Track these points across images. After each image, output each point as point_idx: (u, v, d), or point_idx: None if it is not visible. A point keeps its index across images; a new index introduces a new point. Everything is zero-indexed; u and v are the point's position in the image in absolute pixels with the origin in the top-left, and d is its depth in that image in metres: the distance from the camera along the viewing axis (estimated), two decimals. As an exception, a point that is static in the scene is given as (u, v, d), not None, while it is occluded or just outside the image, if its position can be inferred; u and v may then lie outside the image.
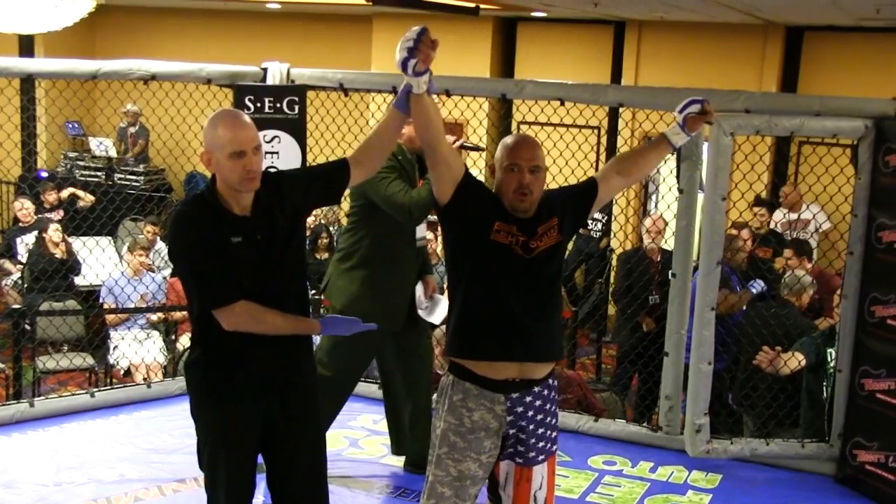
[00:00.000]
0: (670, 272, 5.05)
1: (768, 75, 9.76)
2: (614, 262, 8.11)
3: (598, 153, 10.58)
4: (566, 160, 6.48)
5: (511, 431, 3.13)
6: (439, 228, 4.08)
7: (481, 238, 3.08)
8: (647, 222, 7.06)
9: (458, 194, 3.11)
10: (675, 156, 4.75)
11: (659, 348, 5.24)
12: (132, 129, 11.34)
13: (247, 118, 3.05)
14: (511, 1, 8.36)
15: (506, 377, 3.09)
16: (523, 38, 11.03)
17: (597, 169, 10.59)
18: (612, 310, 8.56)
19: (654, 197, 10.79)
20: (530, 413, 3.13)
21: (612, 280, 8.02)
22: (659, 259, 6.85)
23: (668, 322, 5.03)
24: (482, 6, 8.69)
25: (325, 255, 8.63)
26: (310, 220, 7.32)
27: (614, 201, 10.07)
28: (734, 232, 7.05)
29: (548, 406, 3.19)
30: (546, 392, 3.19)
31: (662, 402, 5.11)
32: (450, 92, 5.44)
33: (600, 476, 4.75)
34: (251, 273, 2.98)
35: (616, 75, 10.47)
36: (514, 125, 10.00)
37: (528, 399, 3.13)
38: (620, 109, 8.31)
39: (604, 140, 10.46)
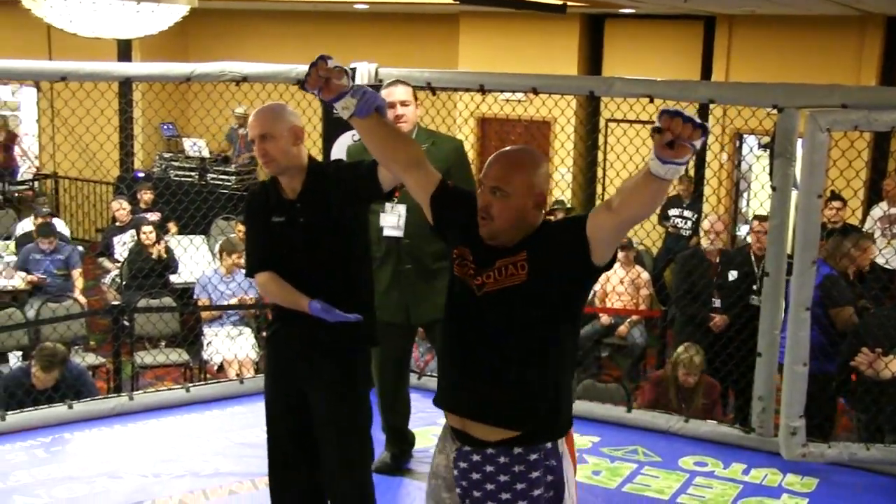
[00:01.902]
0: (756, 270, 4.94)
1: (867, 69, 9.49)
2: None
3: (687, 151, 10.42)
4: (655, 158, 6.41)
5: (458, 491, 2.66)
6: None
7: (450, 265, 2.73)
8: (706, 223, 6.91)
9: (435, 213, 2.78)
10: (767, 153, 4.66)
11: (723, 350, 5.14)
12: (241, 131, 11.54)
13: (269, 110, 3.24)
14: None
15: (454, 426, 2.69)
16: (611, 35, 10.94)
17: (685, 169, 10.44)
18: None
19: (745, 195, 10.59)
20: (476, 477, 2.60)
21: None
22: (718, 260, 6.72)
23: (761, 322, 4.93)
24: (569, 3, 8.65)
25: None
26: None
27: (704, 199, 9.93)
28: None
29: (505, 480, 2.56)
30: (505, 462, 2.57)
31: (755, 403, 5.01)
32: (537, 90, 5.41)
33: (691, 477, 4.69)
34: (292, 252, 3.24)
35: (706, 71, 10.31)
36: (601, 123, 9.92)
37: (476, 458, 2.60)
38: (710, 106, 8.18)
39: (693, 137, 10.29)
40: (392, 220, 4.32)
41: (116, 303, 7.71)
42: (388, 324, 4.34)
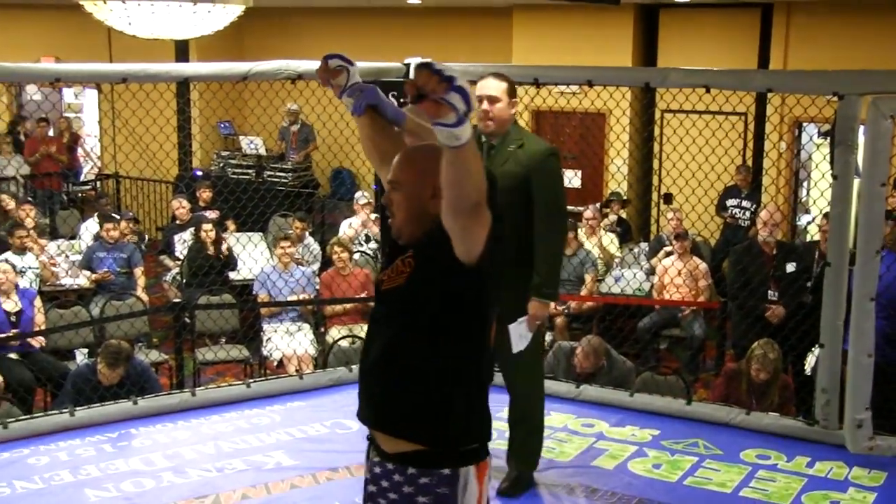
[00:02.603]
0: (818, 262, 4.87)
1: (933, 54, 9.28)
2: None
3: (745, 140, 10.30)
4: (713, 148, 6.34)
5: (364, 493, 2.57)
6: None
7: None
8: (763, 214, 6.80)
9: None
10: (827, 141, 4.58)
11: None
12: (294, 128, 11.63)
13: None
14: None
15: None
16: (665, 25, 10.84)
17: (743, 157, 10.31)
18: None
19: (805, 184, 10.43)
20: (374, 489, 2.50)
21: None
22: (774, 252, 6.62)
23: (823, 312, 4.85)
24: (623, -6, 8.58)
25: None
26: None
27: (763, 189, 9.79)
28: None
29: (394, 499, 2.44)
30: (399, 481, 2.44)
31: (819, 395, 4.94)
32: (592, 82, 5.38)
33: (754, 470, 4.63)
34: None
35: (763, 60, 10.16)
36: (657, 114, 9.83)
37: (378, 470, 2.49)
38: (769, 95, 8.07)
39: (751, 127, 10.17)
40: None
41: (177, 300, 7.82)
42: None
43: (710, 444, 4.91)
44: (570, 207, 4.72)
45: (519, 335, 4.12)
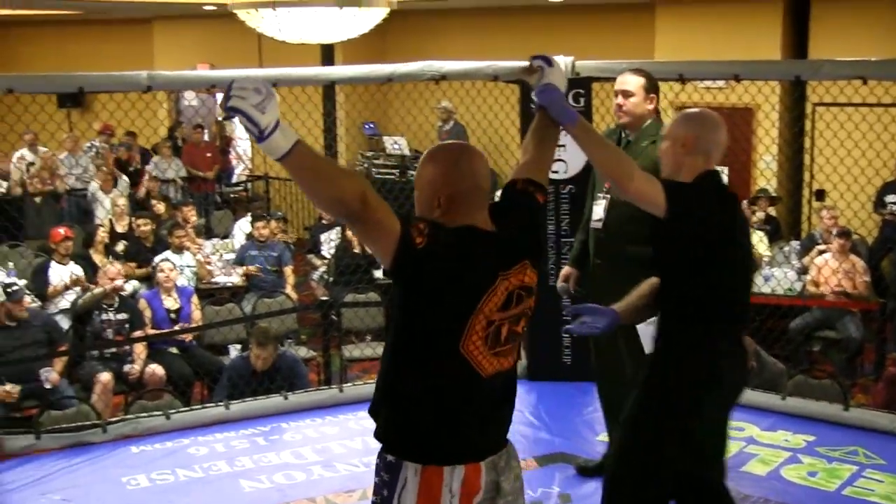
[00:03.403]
0: None
1: None
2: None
3: (905, 133, 9.83)
4: (870, 142, 6.09)
5: None
6: None
7: None
8: None
9: None
10: None
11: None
12: (446, 127, 11.72)
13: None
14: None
15: None
16: (818, 16, 10.43)
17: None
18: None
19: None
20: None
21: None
22: None
23: None
24: (773, -16, 8.32)
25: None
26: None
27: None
28: None
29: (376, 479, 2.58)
30: (377, 463, 2.59)
31: None
32: (739, 77, 5.25)
33: (918, 481, 4.41)
34: None
35: (925, 48, 9.67)
36: (808, 108, 9.49)
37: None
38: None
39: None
40: (597, 210, 4.22)
41: (325, 298, 8.03)
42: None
43: (871, 452, 4.69)
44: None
45: (650, 336, 4.04)
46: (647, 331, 4.00)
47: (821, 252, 7.94)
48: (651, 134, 4.07)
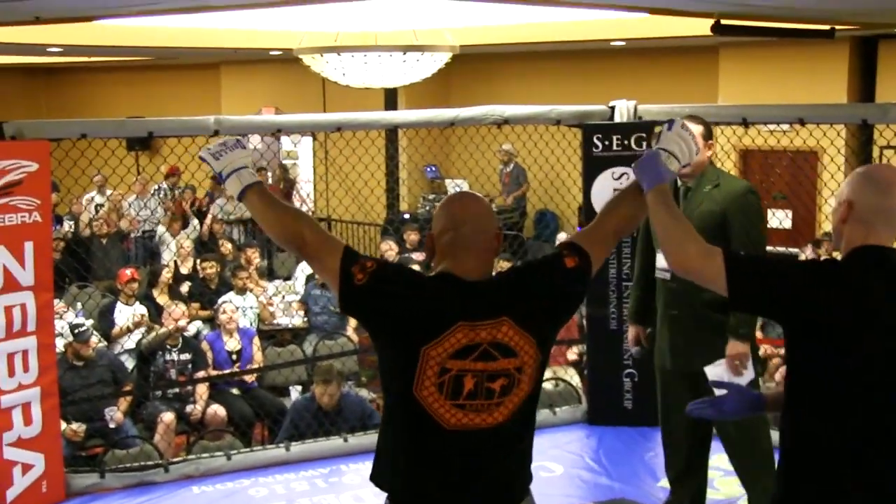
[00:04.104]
0: None
1: None
2: None
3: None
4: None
5: None
6: None
7: None
8: None
9: None
10: None
11: None
12: (507, 169, 11.77)
13: None
14: (872, 19, 7.84)
15: None
16: (885, 58, 10.31)
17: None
18: None
19: None
20: None
21: None
22: None
23: None
24: (838, 27, 8.23)
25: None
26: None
27: None
28: None
29: None
30: None
31: None
32: (804, 121, 5.20)
33: None
34: None
35: None
36: (875, 151, 9.35)
37: None
38: None
39: (984, 162, 9.49)
40: (662, 259, 4.07)
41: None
42: (661, 369, 4.27)
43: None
44: (780, 248, 4.57)
45: (717, 377, 3.98)
46: (713, 372, 3.97)
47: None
48: (711, 179, 4.06)
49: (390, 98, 12.49)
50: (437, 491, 2.50)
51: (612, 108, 5.77)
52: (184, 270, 9.28)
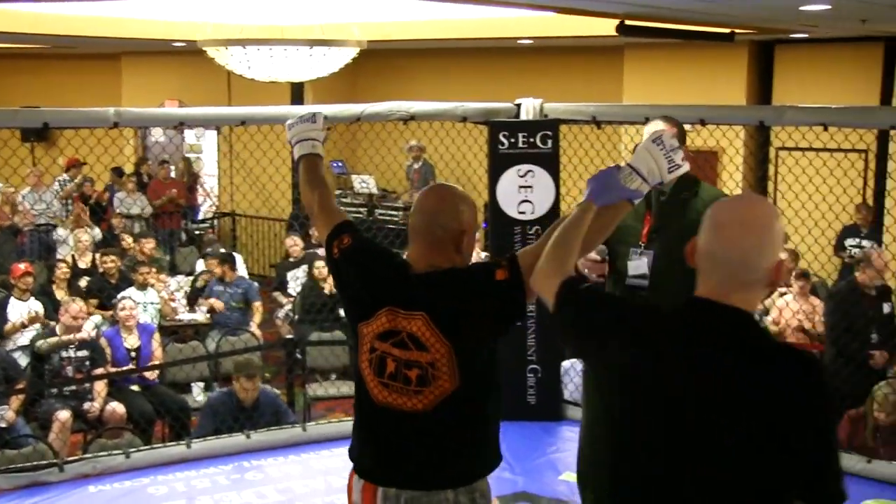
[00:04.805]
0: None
1: None
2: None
3: (865, 178, 9.99)
4: (830, 187, 6.18)
5: None
6: None
7: None
8: (871, 255, 6.57)
9: None
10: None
11: None
12: (416, 165, 11.75)
13: None
14: (770, 24, 8.08)
15: None
16: (782, 62, 10.63)
17: (864, 196, 9.99)
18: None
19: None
20: None
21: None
22: (874, 294, 6.39)
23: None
24: (737, 31, 8.47)
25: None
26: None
27: (885, 229, 9.47)
28: None
29: None
30: None
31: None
32: (705, 121, 5.32)
33: (876, 522, 4.45)
34: None
35: (886, 95, 9.86)
36: (772, 152, 9.63)
37: None
38: (892, 132, 7.83)
39: (872, 164, 9.86)
40: (639, 265, 3.74)
41: (290, 336, 7.97)
42: None
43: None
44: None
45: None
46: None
47: (782, 294, 8.02)
48: (687, 187, 3.68)
49: (297, 93, 12.37)
50: (376, 467, 2.66)
51: (519, 105, 5.82)
52: (82, 265, 9.03)
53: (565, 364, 6.02)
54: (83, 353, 6.70)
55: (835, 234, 8.83)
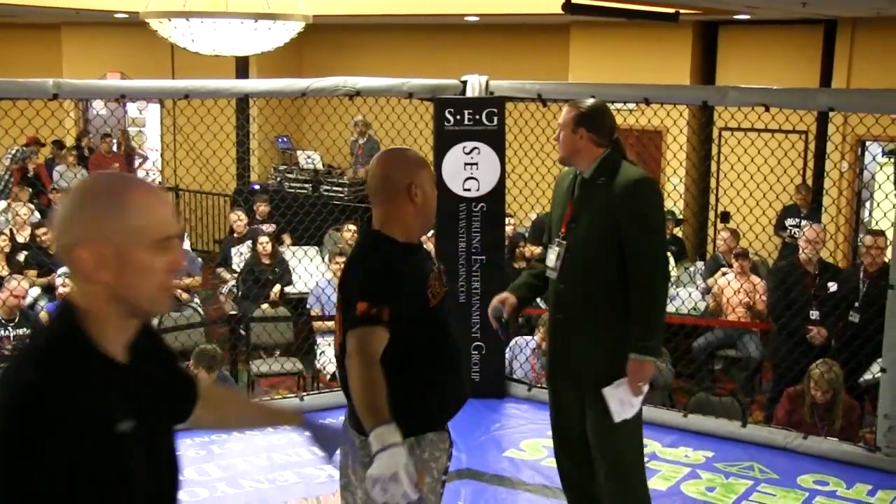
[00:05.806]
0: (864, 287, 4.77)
1: None
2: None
3: (805, 159, 10.15)
4: (771, 167, 6.27)
5: None
6: None
7: None
8: (809, 232, 6.73)
9: None
10: (893, 160, 4.51)
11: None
12: (360, 141, 11.65)
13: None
14: (713, 4, 8.15)
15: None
16: (725, 43, 10.75)
17: (803, 176, 10.16)
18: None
19: (867, 204, 10.25)
20: None
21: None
22: (816, 272, 6.54)
23: (886, 336, 4.76)
24: (682, 11, 8.52)
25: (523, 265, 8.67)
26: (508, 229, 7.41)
27: (824, 209, 9.65)
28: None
29: None
30: None
31: (881, 422, 4.84)
32: (649, 101, 5.36)
33: (811, 496, 4.55)
34: None
35: (826, 78, 10.02)
36: (715, 132, 9.75)
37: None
38: (831, 114, 7.96)
39: (811, 145, 10.03)
40: (550, 257, 3.69)
41: (233, 312, 7.91)
42: (548, 376, 3.89)
43: (765, 467, 4.83)
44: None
45: (619, 401, 3.47)
46: (614, 394, 3.50)
47: (723, 273, 8.14)
48: (606, 169, 3.62)
49: (241, 67, 12.23)
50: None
51: (465, 82, 5.81)
52: (21, 239, 8.86)
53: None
54: (22, 330, 6.59)
55: (775, 214, 8.97)
